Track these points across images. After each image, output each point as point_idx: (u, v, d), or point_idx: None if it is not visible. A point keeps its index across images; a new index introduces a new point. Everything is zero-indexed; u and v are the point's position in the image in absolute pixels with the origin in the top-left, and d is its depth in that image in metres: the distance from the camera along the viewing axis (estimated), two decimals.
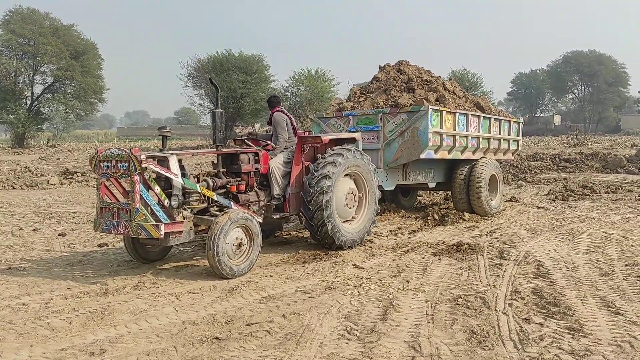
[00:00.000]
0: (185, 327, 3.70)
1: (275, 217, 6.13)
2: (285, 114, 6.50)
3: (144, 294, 4.52)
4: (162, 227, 4.77)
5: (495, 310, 3.98)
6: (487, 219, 8.29)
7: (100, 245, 6.60)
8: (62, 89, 38.96)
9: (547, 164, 17.37)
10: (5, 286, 4.78)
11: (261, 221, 5.65)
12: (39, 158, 22.86)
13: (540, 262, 5.39)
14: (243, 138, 6.61)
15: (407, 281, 4.80)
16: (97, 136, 68.05)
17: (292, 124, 6.52)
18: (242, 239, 5.13)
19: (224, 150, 5.88)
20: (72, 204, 10.71)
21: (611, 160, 16.69)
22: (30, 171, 15.90)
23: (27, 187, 13.93)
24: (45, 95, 38.60)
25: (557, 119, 76.23)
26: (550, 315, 3.83)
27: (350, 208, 6.37)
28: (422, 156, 7.80)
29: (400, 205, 9.63)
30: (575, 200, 10.15)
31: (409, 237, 6.95)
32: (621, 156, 16.88)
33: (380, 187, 7.04)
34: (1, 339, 3.52)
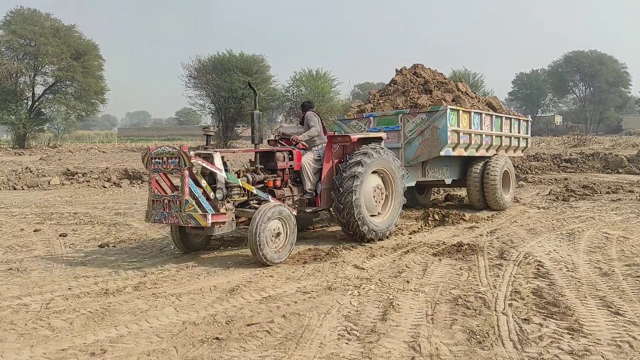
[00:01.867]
0: (186, 328, 3.71)
1: (308, 211, 6.59)
2: (317, 115, 7.11)
3: (144, 294, 4.53)
4: (210, 217, 5.23)
5: (495, 310, 3.98)
6: (487, 220, 8.30)
7: (101, 246, 6.61)
8: (63, 89, 38.98)
9: (548, 164, 17.36)
10: (7, 287, 4.79)
11: (295, 214, 6.03)
12: (40, 159, 22.89)
13: (541, 262, 5.39)
14: (276, 138, 7.11)
15: (407, 281, 4.81)
16: (98, 137, 68.15)
17: (321, 124, 7.05)
18: (280, 232, 5.59)
19: (262, 148, 6.40)
20: (73, 204, 10.73)
21: (612, 161, 16.67)
22: (31, 172, 15.91)
23: (28, 187, 13.97)
24: (46, 95, 38.62)
25: (558, 119, 76.13)
26: (550, 315, 3.83)
27: (377, 203, 6.81)
28: (442, 153, 8.29)
29: (417, 202, 10.17)
30: (576, 200, 10.14)
31: (409, 238, 6.95)
32: (622, 156, 16.85)
33: None
34: (2, 339, 3.53)
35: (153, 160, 5.60)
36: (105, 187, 14.09)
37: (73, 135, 64.41)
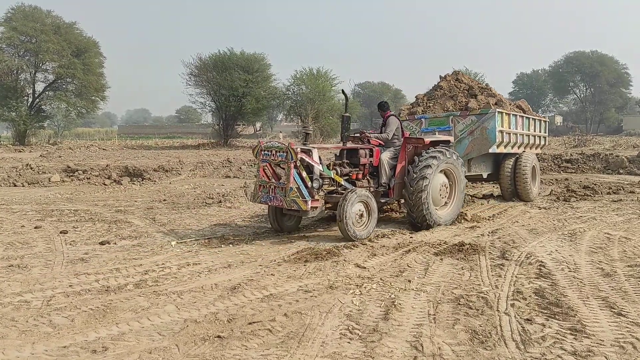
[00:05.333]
0: (187, 326, 3.70)
1: (382, 201, 7.61)
2: (397, 119, 8.00)
3: (145, 292, 4.52)
4: (310, 202, 6.29)
5: (497, 310, 3.97)
6: (488, 219, 8.28)
7: (101, 243, 6.59)
8: (64, 86, 38.96)
9: (549, 164, 17.34)
10: (7, 283, 4.78)
11: None
12: (41, 156, 22.85)
13: (542, 262, 5.38)
14: (355, 135, 8.03)
15: (409, 281, 4.80)
16: (98, 134, 68.02)
17: (401, 128, 8.01)
18: (362, 213, 6.62)
19: (349, 146, 7.47)
20: (73, 201, 10.71)
21: (613, 161, 16.65)
22: (31, 169, 15.88)
23: (28, 184, 13.94)
24: (46, 92, 38.62)
25: (558, 120, 76.11)
26: (553, 315, 3.83)
27: (442, 197, 7.78)
28: (490, 150, 9.28)
29: None
30: (577, 200, 10.13)
31: (411, 237, 6.94)
32: (623, 157, 16.83)
33: None
34: (3, 336, 3.53)
35: (262, 152, 6.71)
36: (105, 185, 14.06)
37: (73, 133, 64.37)
